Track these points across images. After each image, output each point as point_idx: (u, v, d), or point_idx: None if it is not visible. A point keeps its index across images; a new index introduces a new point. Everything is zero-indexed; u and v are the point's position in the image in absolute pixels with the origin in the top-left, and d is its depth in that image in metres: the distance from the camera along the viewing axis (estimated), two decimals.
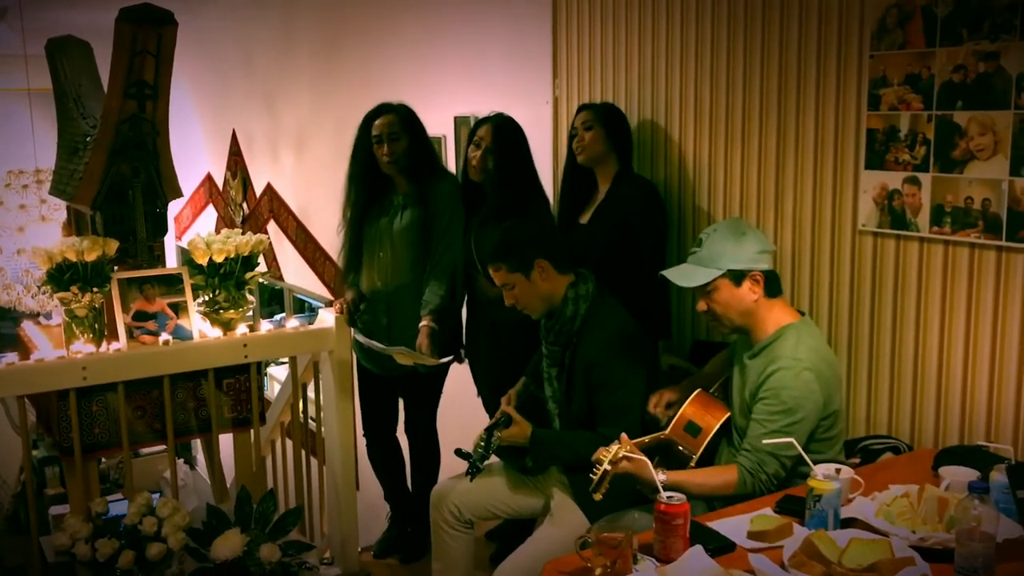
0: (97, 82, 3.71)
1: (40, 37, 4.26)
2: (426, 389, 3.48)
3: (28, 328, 3.63)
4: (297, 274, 6.18)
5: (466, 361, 3.47)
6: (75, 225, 3.46)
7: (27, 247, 5.18)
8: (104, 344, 3.01)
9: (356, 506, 3.45)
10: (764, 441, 2.18)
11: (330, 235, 3.48)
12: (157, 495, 3.29)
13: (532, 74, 3.82)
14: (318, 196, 5.86)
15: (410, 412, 3.57)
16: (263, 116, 6.46)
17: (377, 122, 3.27)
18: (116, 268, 3.05)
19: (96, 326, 3.02)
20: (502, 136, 3.15)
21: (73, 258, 2.91)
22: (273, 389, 5.97)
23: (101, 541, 2.74)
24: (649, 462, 2.04)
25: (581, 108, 3.15)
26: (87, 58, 3.78)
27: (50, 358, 2.86)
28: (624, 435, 2.20)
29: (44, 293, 5.32)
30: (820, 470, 2.00)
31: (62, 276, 2.93)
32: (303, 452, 3.49)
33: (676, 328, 3.17)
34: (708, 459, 2.38)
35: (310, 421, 3.55)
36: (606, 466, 2.09)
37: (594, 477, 2.12)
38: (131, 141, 3.04)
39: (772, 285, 2.33)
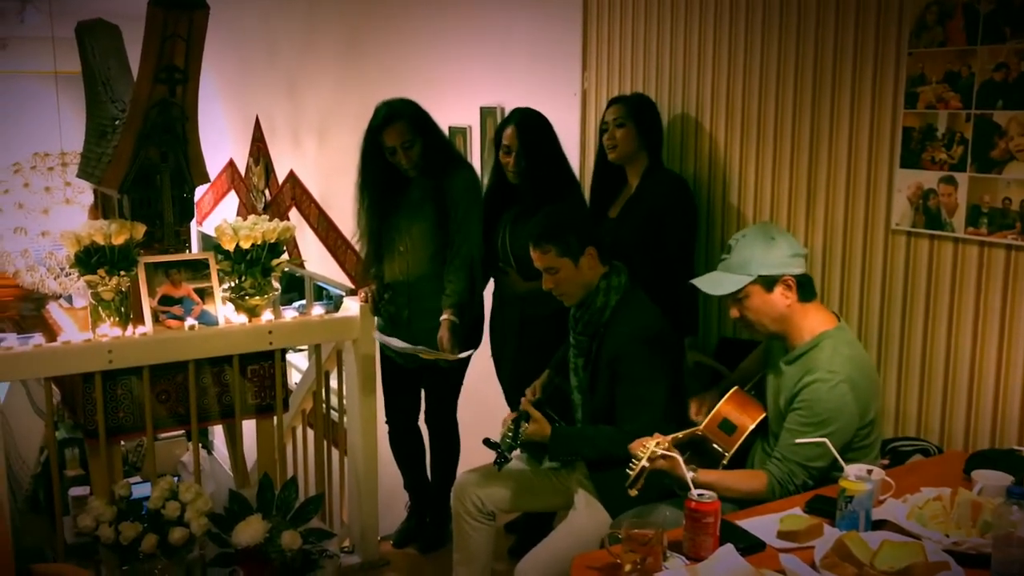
0: (126, 66, 3.71)
1: (68, 20, 4.27)
2: (447, 380, 3.47)
3: (53, 310, 3.64)
4: (316, 261, 6.19)
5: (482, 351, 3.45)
6: (102, 208, 3.47)
7: (51, 229, 5.21)
8: (130, 328, 3.01)
9: (377, 495, 3.46)
10: (797, 441, 2.15)
11: (351, 223, 3.47)
12: (176, 479, 3.30)
13: (560, 65, 3.79)
14: (340, 183, 5.85)
15: (431, 402, 3.56)
16: (286, 103, 6.46)
17: (387, 134, 3.18)
18: (142, 252, 3.06)
19: (122, 309, 3.02)
20: (526, 136, 3.11)
21: (101, 241, 2.91)
22: (290, 376, 5.98)
23: (124, 524, 2.75)
24: (680, 459, 2.03)
25: (612, 102, 3.12)
26: (116, 42, 3.77)
27: (76, 341, 2.87)
28: (657, 434, 2.19)
29: (67, 275, 5.35)
30: (852, 471, 1.98)
31: (89, 259, 2.93)
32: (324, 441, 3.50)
33: (703, 325, 3.15)
34: (740, 458, 2.36)
35: (332, 411, 3.56)
36: (644, 462, 2.07)
37: (631, 472, 2.10)
38: (160, 126, 3.04)
39: (806, 289, 2.30)
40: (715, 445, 2.36)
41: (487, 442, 2.61)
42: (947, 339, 2.52)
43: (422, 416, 3.62)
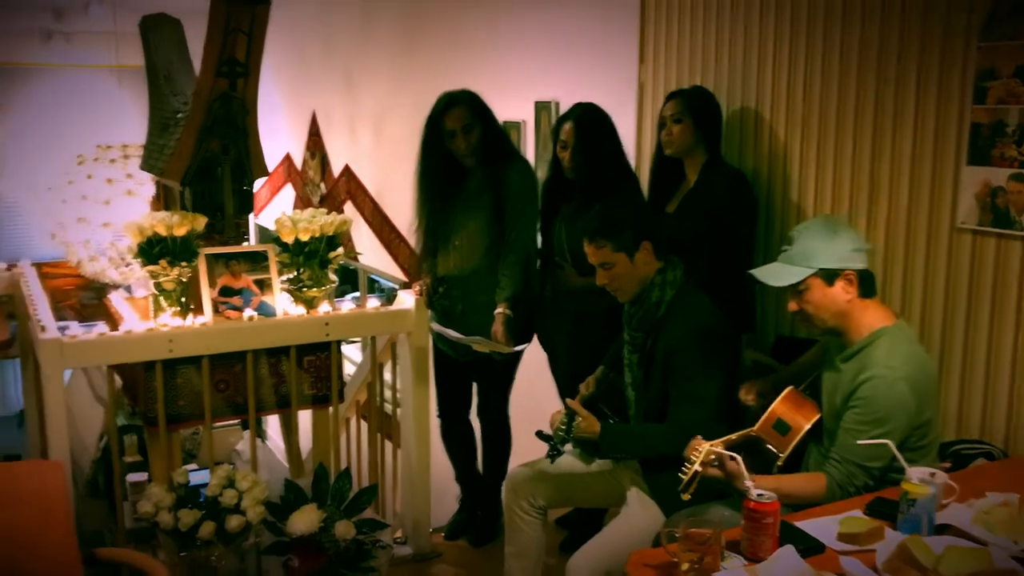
0: (187, 60, 3.77)
1: (131, 15, 4.35)
2: (500, 374, 3.48)
3: (114, 299, 3.72)
4: (369, 255, 6.24)
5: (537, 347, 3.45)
6: (164, 200, 3.53)
7: (113, 220, 5.30)
8: (190, 317, 3.06)
9: (430, 487, 3.48)
10: (859, 442, 2.12)
11: (405, 216, 3.49)
12: (231, 467, 3.35)
13: (617, 59, 3.77)
14: (395, 177, 5.88)
15: (483, 396, 3.57)
16: (342, 97, 6.51)
17: (448, 117, 3.24)
18: (203, 243, 3.10)
19: (183, 300, 3.07)
20: (584, 132, 3.09)
21: (163, 232, 2.96)
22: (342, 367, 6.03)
23: (183, 511, 2.79)
24: (741, 460, 2.00)
25: (670, 96, 3.09)
26: (178, 36, 3.84)
27: (138, 330, 2.93)
28: (698, 437, 2.17)
29: (127, 266, 5.45)
30: (914, 473, 1.94)
31: (152, 249, 2.99)
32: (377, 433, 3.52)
33: (760, 322, 3.11)
34: (795, 459, 2.32)
35: (385, 404, 3.58)
36: (696, 467, 2.05)
37: (684, 476, 2.08)
38: (222, 119, 3.08)
39: (867, 285, 2.25)
40: (769, 446, 2.32)
41: (540, 434, 2.61)
42: (1014, 341, 2.46)
43: (474, 410, 3.63)
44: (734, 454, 2.07)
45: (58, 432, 2.81)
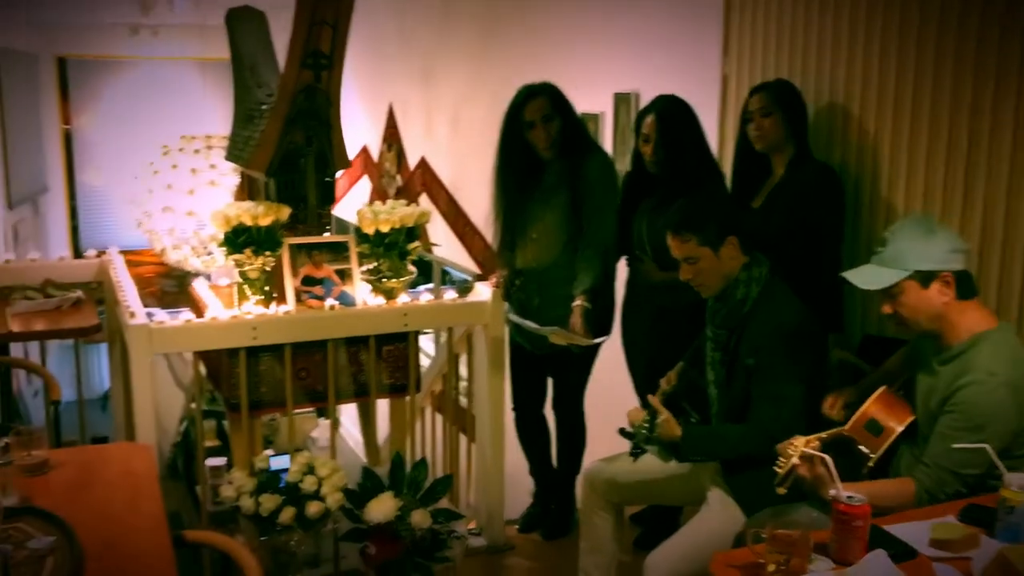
0: (271, 52, 3.83)
1: (215, 8, 4.44)
2: (576, 368, 3.46)
3: (199, 287, 3.80)
4: (443, 246, 6.28)
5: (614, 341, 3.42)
6: (248, 190, 3.59)
7: (196, 210, 5.44)
8: (273, 306, 3.11)
9: (504, 479, 3.48)
10: (955, 446, 2.05)
11: (480, 209, 3.51)
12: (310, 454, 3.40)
13: (699, 50, 3.71)
14: (470, 170, 5.91)
15: (559, 390, 3.56)
16: (420, 90, 6.56)
17: (528, 108, 3.24)
18: (286, 233, 3.15)
19: (266, 288, 3.13)
20: (666, 126, 3.05)
21: (248, 222, 3.02)
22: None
23: (264, 496, 2.83)
24: (831, 463, 1.96)
25: (755, 90, 3.03)
26: (263, 28, 3.89)
27: (223, 317, 2.98)
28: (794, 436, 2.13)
29: (209, 254, 5.58)
30: (1014, 480, 1.87)
31: (237, 239, 3.04)
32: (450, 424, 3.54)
33: (846, 321, 3.03)
34: (884, 462, 2.26)
35: (459, 398, 3.60)
36: (795, 460, 2.01)
37: (779, 471, 2.04)
38: (306, 111, 3.11)
39: (965, 286, 2.18)
40: (860, 447, 2.26)
41: (622, 432, 2.58)
42: None
43: (549, 403, 3.62)
44: (825, 456, 2.02)
45: (145, 416, 2.88)
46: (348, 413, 4.65)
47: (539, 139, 3.24)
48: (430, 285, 6.73)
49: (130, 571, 1.87)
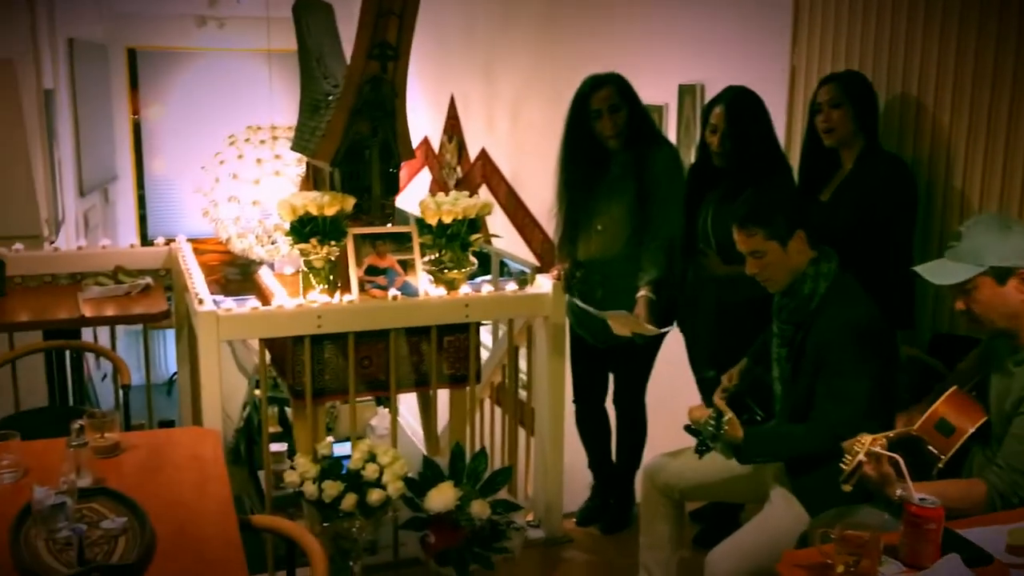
0: (338, 43, 3.87)
1: (281, 1, 4.49)
2: (638, 361, 3.44)
3: (264, 276, 3.86)
4: (503, 238, 6.28)
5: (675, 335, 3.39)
6: (313, 180, 3.63)
7: (261, 199, 5.51)
8: (337, 295, 3.14)
9: (562, 472, 3.48)
10: None
11: (539, 201, 3.49)
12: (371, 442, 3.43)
13: (767, 41, 3.65)
14: (530, 163, 5.90)
15: (620, 383, 3.54)
16: (481, 82, 6.56)
17: (595, 97, 3.20)
18: (350, 223, 3.18)
19: (331, 277, 3.16)
20: (735, 117, 3.00)
21: (314, 212, 3.05)
22: None
23: (327, 483, 2.87)
24: (902, 462, 1.91)
25: (824, 81, 2.97)
26: (330, 20, 3.94)
27: (289, 305, 3.02)
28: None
29: (273, 243, 5.66)
30: None
31: (303, 228, 3.08)
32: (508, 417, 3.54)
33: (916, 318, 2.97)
34: (955, 465, 2.21)
35: (519, 391, 3.60)
36: (861, 457, 1.97)
37: (845, 467, 2.01)
38: (372, 101, 3.14)
39: None
40: (930, 447, 2.21)
41: (688, 429, 2.55)
42: None
43: (609, 397, 3.60)
44: (896, 456, 1.97)
45: (212, 401, 2.94)
46: (406, 403, 4.68)
47: (606, 128, 3.21)
48: (488, 277, 6.75)
49: (199, 553, 1.91)
